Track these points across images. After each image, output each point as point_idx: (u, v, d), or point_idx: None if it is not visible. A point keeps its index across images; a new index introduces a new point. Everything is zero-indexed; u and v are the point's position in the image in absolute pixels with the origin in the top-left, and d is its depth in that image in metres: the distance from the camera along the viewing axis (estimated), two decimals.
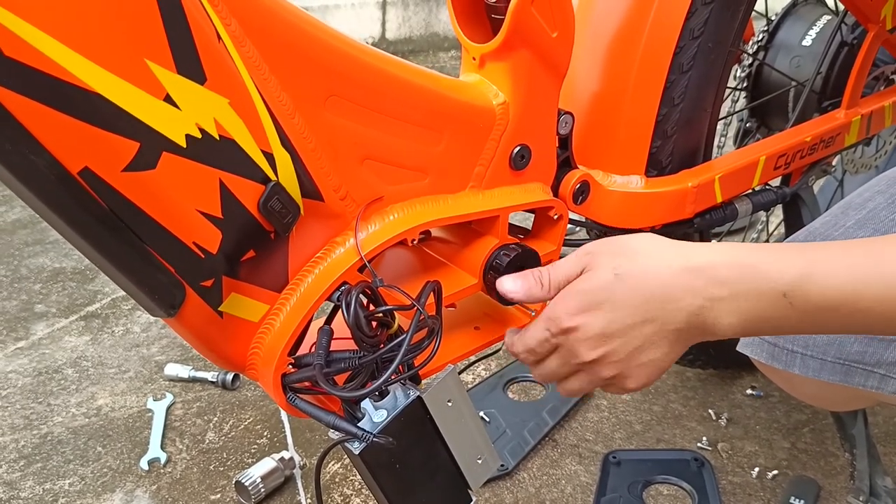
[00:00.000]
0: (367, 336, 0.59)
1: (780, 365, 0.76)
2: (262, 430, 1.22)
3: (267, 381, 0.61)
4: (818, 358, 0.72)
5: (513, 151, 0.73)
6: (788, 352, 0.75)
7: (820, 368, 0.72)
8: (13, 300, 1.65)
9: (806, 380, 0.74)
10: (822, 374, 0.72)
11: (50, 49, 0.41)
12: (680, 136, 0.89)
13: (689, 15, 0.84)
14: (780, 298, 0.54)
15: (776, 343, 0.75)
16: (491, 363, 1.37)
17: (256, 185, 0.54)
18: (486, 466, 0.70)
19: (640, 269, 0.58)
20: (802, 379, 0.75)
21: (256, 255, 0.57)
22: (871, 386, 0.70)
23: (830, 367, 0.72)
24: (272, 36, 0.52)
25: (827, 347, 0.71)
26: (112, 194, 0.47)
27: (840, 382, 0.71)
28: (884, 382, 0.69)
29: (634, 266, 0.58)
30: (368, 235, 0.63)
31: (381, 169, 0.63)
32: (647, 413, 1.22)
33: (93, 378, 1.37)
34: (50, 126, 0.42)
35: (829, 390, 0.76)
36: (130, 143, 0.46)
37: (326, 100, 0.57)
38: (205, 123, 0.49)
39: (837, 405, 0.89)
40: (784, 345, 0.75)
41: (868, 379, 0.70)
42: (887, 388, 0.69)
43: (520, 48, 0.70)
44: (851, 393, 0.73)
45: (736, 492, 1.04)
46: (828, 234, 0.74)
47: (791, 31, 1.20)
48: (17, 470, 1.14)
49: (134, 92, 0.44)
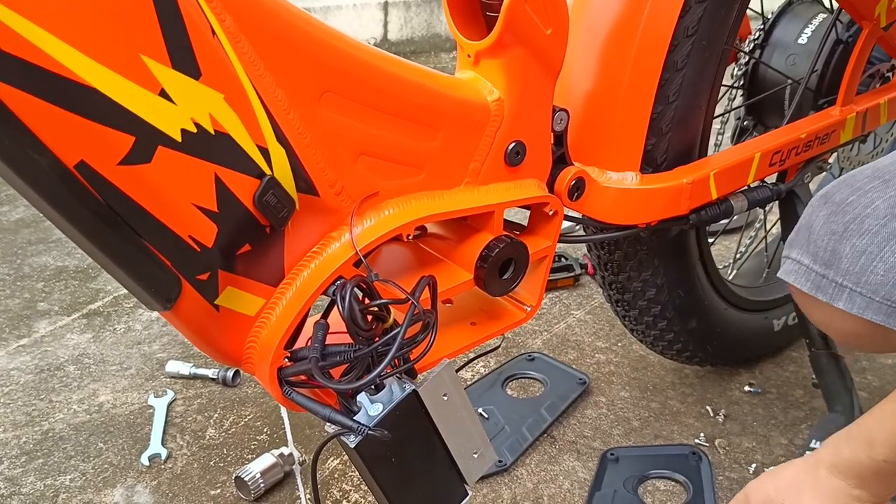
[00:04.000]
0: (362, 330, 0.59)
1: (825, 297, 0.75)
2: (262, 427, 1.22)
3: (263, 374, 0.62)
4: (867, 296, 0.71)
5: (508, 148, 0.73)
6: (837, 285, 0.74)
7: (866, 307, 0.71)
8: (16, 298, 1.66)
9: (845, 316, 0.73)
10: (867, 313, 0.71)
11: (46, 44, 0.42)
12: (675, 134, 0.90)
13: (683, 13, 0.85)
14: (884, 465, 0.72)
15: (825, 274, 0.75)
16: (490, 360, 1.37)
17: (252, 180, 0.54)
18: (483, 461, 0.71)
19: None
20: (842, 315, 0.74)
21: (252, 249, 0.58)
22: None
23: (877, 307, 0.71)
24: (267, 32, 0.53)
25: (878, 287, 0.70)
26: (108, 188, 0.47)
27: (883, 323, 0.71)
28: None
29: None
30: (364, 230, 0.63)
31: (376, 164, 0.64)
32: (644, 410, 1.22)
33: (94, 375, 1.38)
34: (46, 120, 0.43)
35: (867, 330, 0.75)
36: (126, 137, 0.46)
37: (321, 95, 0.58)
38: (200, 118, 0.50)
39: (870, 346, 0.91)
40: (834, 277, 0.74)
41: None
42: None
43: (514, 45, 0.71)
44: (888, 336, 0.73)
45: (733, 487, 1.05)
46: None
47: (787, 30, 1.20)
48: (19, 466, 1.15)
49: (129, 86, 0.45)
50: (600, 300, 1.57)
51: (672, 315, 1.09)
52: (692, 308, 1.11)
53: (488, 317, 0.82)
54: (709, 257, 1.11)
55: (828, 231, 0.74)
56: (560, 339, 1.45)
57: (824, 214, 0.75)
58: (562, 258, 1.65)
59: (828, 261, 0.74)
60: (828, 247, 0.74)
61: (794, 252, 0.79)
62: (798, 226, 0.79)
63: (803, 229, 0.78)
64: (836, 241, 0.73)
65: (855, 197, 0.72)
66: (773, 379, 1.29)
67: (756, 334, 1.26)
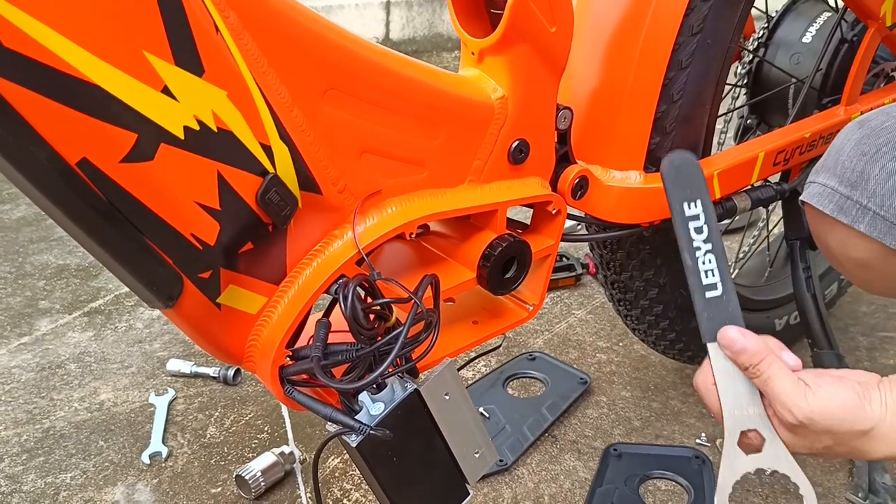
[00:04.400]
0: (365, 329, 0.59)
1: (847, 219, 0.73)
2: (263, 425, 1.22)
3: (264, 373, 0.62)
4: (890, 220, 0.70)
5: (511, 146, 0.73)
6: (861, 207, 0.73)
7: (888, 231, 0.71)
8: (17, 296, 1.66)
9: (863, 241, 0.72)
10: (888, 238, 0.71)
11: (49, 40, 0.41)
12: (679, 132, 0.90)
13: (688, 11, 0.84)
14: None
15: (850, 196, 0.73)
16: (491, 359, 1.37)
17: (254, 178, 0.54)
18: (484, 460, 0.71)
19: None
20: (860, 241, 0.73)
21: (254, 248, 0.57)
22: None
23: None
24: (271, 29, 0.52)
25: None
26: (110, 185, 0.47)
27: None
28: None
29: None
30: (366, 229, 0.63)
31: (379, 162, 0.63)
32: (646, 409, 1.22)
33: (95, 373, 1.38)
34: (48, 116, 0.43)
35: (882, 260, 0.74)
36: (128, 135, 0.46)
37: (325, 93, 0.57)
38: (203, 115, 0.49)
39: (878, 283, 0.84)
40: (858, 198, 0.72)
41: None
42: None
43: (518, 43, 0.70)
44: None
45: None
46: None
47: (791, 28, 1.20)
48: (20, 464, 1.15)
49: (132, 83, 0.45)
50: (602, 300, 1.57)
51: (674, 314, 1.09)
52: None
53: (490, 315, 0.82)
54: None
55: (858, 152, 0.73)
56: (561, 338, 1.44)
57: (857, 137, 0.73)
58: (563, 257, 1.64)
59: (855, 182, 0.72)
60: (856, 168, 0.72)
61: (820, 176, 0.77)
62: (828, 150, 0.77)
63: (833, 152, 0.76)
64: (865, 162, 0.71)
65: (891, 122, 0.71)
66: None
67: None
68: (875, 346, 1.36)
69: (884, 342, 1.36)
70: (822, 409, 0.61)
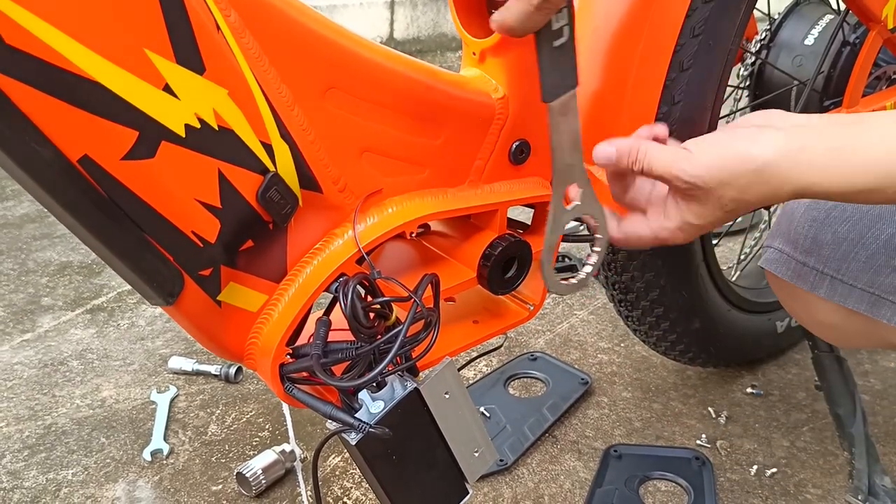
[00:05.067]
0: (364, 327, 0.59)
1: (806, 286, 0.74)
2: (264, 423, 1.22)
3: (265, 370, 0.62)
4: (848, 283, 0.71)
5: (512, 146, 0.73)
6: (818, 273, 0.73)
7: (847, 294, 0.71)
8: (20, 293, 1.67)
9: (825, 306, 0.72)
10: (849, 302, 0.70)
11: (51, 38, 0.42)
12: (680, 134, 0.89)
13: (690, 13, 0.84)
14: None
15: (806, 262, 0.74)
16: (493, 359, 1.37)
17: (255, 176, 0.54)
18: (483, 460, 0.71)
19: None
20: (822, 304, 0.73)
21: (255, 246, 0.58)
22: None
23: (858, 295, 0.70)
24: (272, 27, 0.53)
25: (860, 274, 0.69)
26: (111, 182, 0.47)
27: (865, 312, 0.70)
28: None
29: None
30: (367, 227, 0.63)
31: (380, 161, 0.64)
32: (647, 410, 1.22)
33: (98, 370, 1.39)
34: (50, 114, 0.43)
35: (846, 320, 0.74)
36: (129, 132, 0.46)
37: (326, 92, 0.58)
38: (204, 114, 0.50)
39: (845, 339, 0.85)
40: (815, 265, 0.73)
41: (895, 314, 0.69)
42: None
43: (520, 44, 0.70)
44: (868, 327, 0.71)
45: (734, 489, 1.04)
46: None
47: (794, 30, 1.20)
48: (21, 460, 1.15)
49: (133, 81, 0.45)
50: (603, 300, 1.57)
51: (675, 316, 1.09)
52: (695, 309, 1.10)
53: (491, 315, 0.82)
54: (712, 258, 1.11)
55: (809, 218, 0.73)
56: (563, 338, 1.45)
57: (807, 202, 0.74)
58: (565, 258, 1.65)
59: (809, 248, 0.72)
60: (808, 234, 0.72)
61: (776, 241, 0.78)
62: (779, 215, 0.78)
63: (786, 215, 0.77)
64: (817, 228, 0.72)
65: None
66: (775, 381, 1.29)
67: (759, 336, 1.26)
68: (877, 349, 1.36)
69: None
70: (705, 164, 0.61)
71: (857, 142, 0.56)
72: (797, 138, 0.58)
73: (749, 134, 0.61)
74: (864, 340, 0.80)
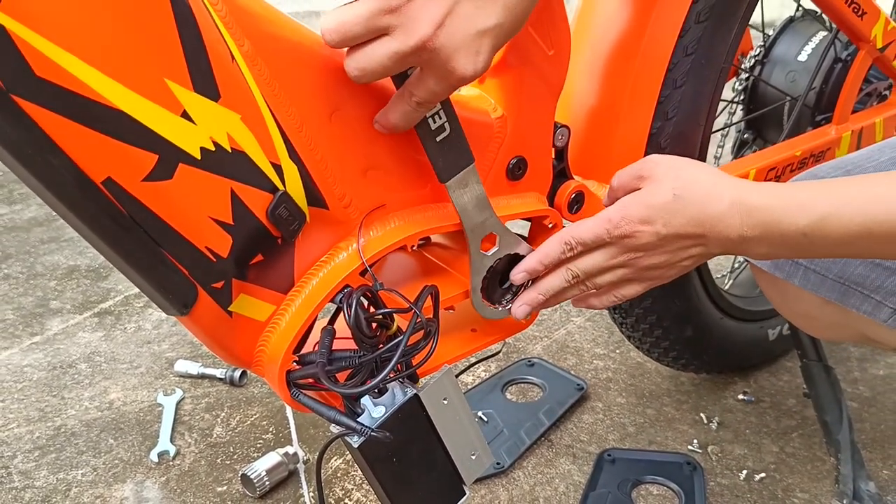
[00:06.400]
0: (367, 337, 0.62)
1: (782, 275, 0.78)
2: (268, 426, 1.26)
3: (272, 377, 0.65)
4: (820, 273, 0.75)
5: (510, 163, 0.76)
6: (793, 263, 0.78)
7: (820, 284, 0.75)
8: (29, 296, 1.70)
9: (800, 295, 0.76)
10: (821, 291, 0.75)
11: (78, 70, 0.45)
12: (673, 149, 0.93)
13: (683, 33, 0.88)
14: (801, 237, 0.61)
15: None
16: (490, 365, 1.40)
17: (265, 194, 0.58)
18: (480, 462, 0.74)
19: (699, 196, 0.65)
20: (798, 293, 0.77)
21: (264, 259, 0.61)
22: (865, 311, 0.73)
23: (830, 285, 0.74)
24: (282, 56, 0.56)
25: (831, 265, 0.73)
26: (132, 202, 0.51)
27: (836, 301, 0.74)
28: (877, 309, 0.72)
29: (693, 192, 0.65)
30: (370, 241, 0.66)
31: (383, 179, 0.67)
32: (640, 416, 1.25)
33: (105, 373, 1.42)
34: (77, 140, 0.46)
35: (820, 310, 0.78)
36: (150, 156, 0.50)
37: (332, 114, 0.61)
38: (218, 137, 0.53)
39: (822, 330, 0.90)
40: None
41: (864, 303, 0.73)
42: (880, 315, 0.72)
43: (518, 65, 0.74)
44: (841, 317, 0.76)
45: (724, 493, 1.07)
46: (861, 165, 0.77)
47: (788, 46, 1.23)
48: (32, 460, 1.19)
49: (154, 109, 0.48)
50: None
51: (668, 323, 1.12)
52: (688, 317, 1.13)
53: (488, 324, 0.85)
54: (705, 267, 1.14)
55: None
56: (559, 345, 1.48)
57: None
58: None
59: None
60: None
61: None
62: None
63: None
64: None
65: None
66: (767, 388, 1.32)
67: (751, 343, 1.29)
68: (866, 357, 1.39)
69: (875, 353, 1.39)
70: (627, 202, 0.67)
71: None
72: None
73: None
74: (840, 332, 0.85)
